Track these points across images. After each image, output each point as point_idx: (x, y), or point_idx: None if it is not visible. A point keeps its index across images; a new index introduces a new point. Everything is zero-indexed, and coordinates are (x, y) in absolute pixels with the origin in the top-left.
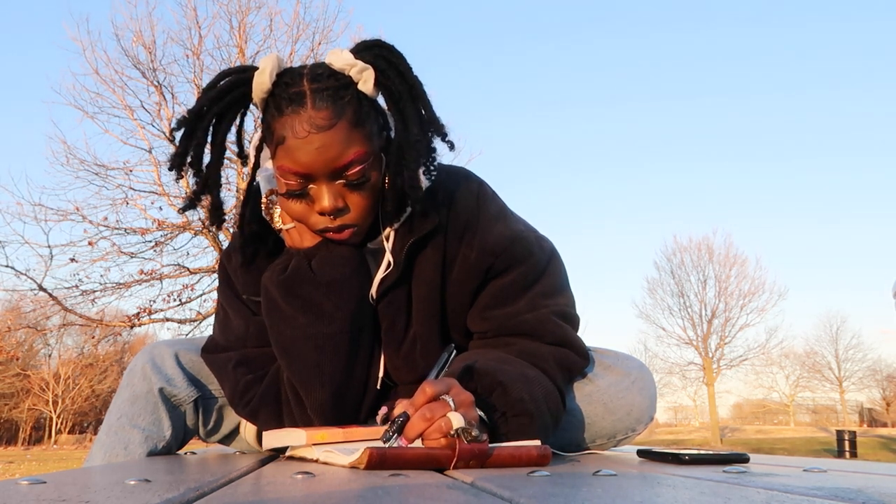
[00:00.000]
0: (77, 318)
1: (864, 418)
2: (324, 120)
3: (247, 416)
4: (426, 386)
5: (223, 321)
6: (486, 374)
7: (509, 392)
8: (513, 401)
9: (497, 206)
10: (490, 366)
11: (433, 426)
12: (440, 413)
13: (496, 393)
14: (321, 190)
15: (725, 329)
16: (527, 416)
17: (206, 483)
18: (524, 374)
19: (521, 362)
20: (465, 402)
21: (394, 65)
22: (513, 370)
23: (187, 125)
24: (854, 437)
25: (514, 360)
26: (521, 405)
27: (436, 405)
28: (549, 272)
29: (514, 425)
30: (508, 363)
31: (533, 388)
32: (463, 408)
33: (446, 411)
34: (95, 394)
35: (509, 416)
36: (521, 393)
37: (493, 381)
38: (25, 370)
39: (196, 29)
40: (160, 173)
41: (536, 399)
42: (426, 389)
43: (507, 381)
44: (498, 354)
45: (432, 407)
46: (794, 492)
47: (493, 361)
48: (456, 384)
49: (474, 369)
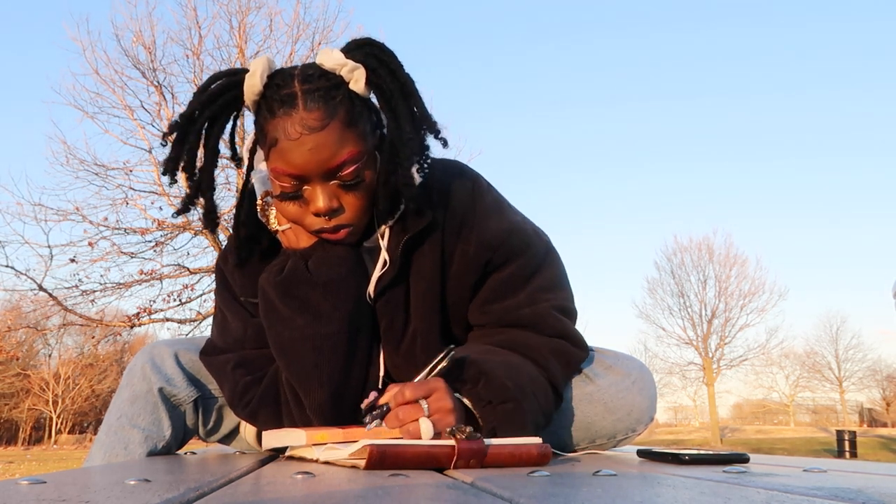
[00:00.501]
0: (77, 318)
1: (864, 418)
2: (316, 121)
3: (246, 417)
4: (405, 389)
5: (221, 324)
6: (470, 366)
7: (492, 381)
8: (496, 389)
9: (492, 198)
10: (472, 357)
11: (402, 429)
12: (410, 418)
13: (480, 383)
14: (315, 191)
15: (725, 329)
16: (512, 402)
17: (206, 483)
18: (508, 361)
19: (506, 352)
20: (443, 408)
21: (385, 63)
22: (496, 359)
23: (179, 129)
24: (854, 438)
25: (497, 350)
26: (506, 392)
27: (408, 409)
28: (548, 264)
29: (501, 412)
30: (492, 353)
31: (517, 375)
32: (438, 414)
33: (418, 416)
34: (95, 394)
35: (495, 403)
36: (503, 380)
37: (476, 371)
38: (25, 370)
39: (196, 29)
40: (160, 173)
41: (521, 385)
42: (406, 392)
43: (490, 370)
44: (482, 346)
45: (405, 409)
46: (794, 492)
47: (476, 353)
48: (440, 388)
49: (457, 361)
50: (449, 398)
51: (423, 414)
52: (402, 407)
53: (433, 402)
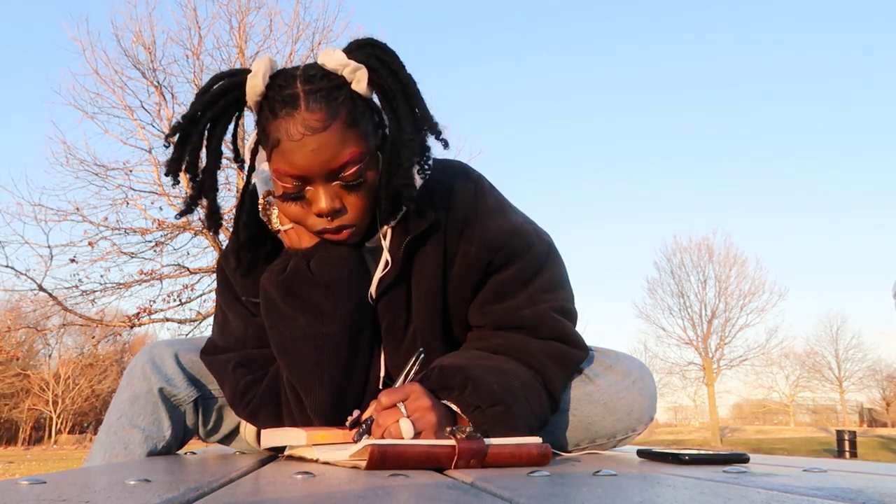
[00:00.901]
0: (77, 318)
1: (864, 418)
2: (318, 121)
3: (247, 416)
4: (382, 396)
5: (222, 323)
6: (457, 372)
7: (479, 385)
8: (483, 393)
9: (495, 199)
10: (460, 363)
11: (384, 432)
12: (391, 420)
13: (468, 390)
14: (318, 191)
15: (725, 329)
16: (501, 405)
17: (206, 483)
18: (497, 367)
19: (498, 357)
20: (420, 408)
21: (386, 63)
22: (484, 364)
23: (182, 130)
24: (854, 437)
25: (487, 356)
26: (493, 396)
27: (387, 413)
28: (549, 266)
29: (491, 416)
30: (481, 359)
31: (505, 379)
32: (417, 413)
33: (397, 418)
34: (95, 394)
35: (484, 408)
36: (490, 385)
37: (463, 377)
38: (25, 370)
39: (196, 29)
40: (160, 173)
41: (510, 388)
42: (381, 399)
43: (476, 375)
44: (472, 352)
45: (384, 414)
46: (794, 492)
47: (465, 359)
48: (416, 391)
49: (443, 368)
50: (426, 398)
51: (403, 415)
52: (381, 412)
53: (410, 404)
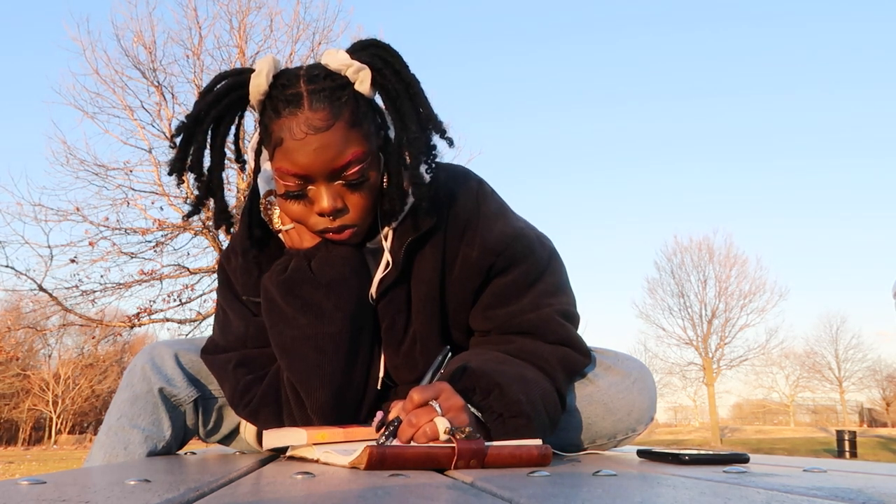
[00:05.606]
0: (77, 318)
1: (864, 418)
2: (321, 121)
3: (247, 416)
4: (413, 393)
5: (223, 322)
6: (483, 376)
7: (506, 394)
8: (509, 402)
9: (496, 203)
10: (487, 367)
11: (419, 431)
12: (426, 419)
13: (493, 395)
14: (320, 191)
15: (725, 329)
16: (523, 418)
17: (206, 483)
18: (522, 375)
19: (520, 362)
20: (454, 407)
21: (390, 64)
22: (511, 371)
23: (186, 130)
24: (854, 438)
25: (511, 361)
26: (518, 406)
27: (421, 411)
28: (551, 270)
29: (511, 427)
30: (507, 364)
31: (530, 390)
32: (451, 413)
33: (432, 417)
34: (95, 394)
35: (506, 417)
36: (517, 394)
37: (490, 382)
38: (25, 370)
39: (196, 29)
40: (160, 173)
41: (534, 401)
42: (413, 397)
43: (505, 382)
44: (495, 355)
45: (418, 413)
46: (794, 492)
47: (491, 362)
48: (447, 389)
49: (471, 370)
50: (457, 396)
51: (437, 414)
52: (415, 411)
53: (444, 402)
